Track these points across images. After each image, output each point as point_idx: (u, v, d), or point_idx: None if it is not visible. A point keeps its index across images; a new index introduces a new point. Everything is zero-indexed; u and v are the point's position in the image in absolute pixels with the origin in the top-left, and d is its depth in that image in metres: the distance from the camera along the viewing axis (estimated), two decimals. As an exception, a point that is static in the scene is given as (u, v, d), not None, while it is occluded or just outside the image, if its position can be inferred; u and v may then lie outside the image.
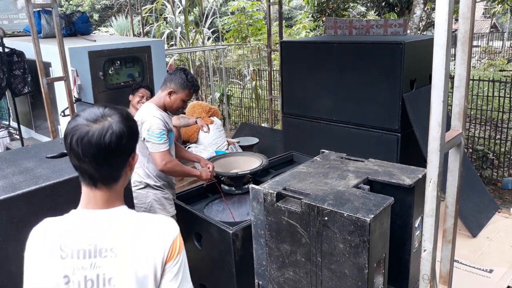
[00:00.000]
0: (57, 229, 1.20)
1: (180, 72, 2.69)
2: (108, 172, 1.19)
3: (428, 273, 1.56)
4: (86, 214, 1.20)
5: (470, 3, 1.58)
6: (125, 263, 1.17)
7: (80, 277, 1.17)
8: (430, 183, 1.47)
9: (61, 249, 1.17)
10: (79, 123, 1.16)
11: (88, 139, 1.13)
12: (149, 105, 2.65)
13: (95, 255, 1.17)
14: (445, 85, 1.38)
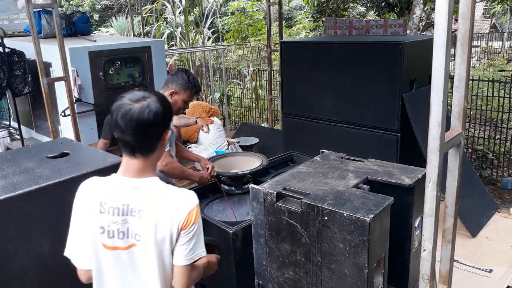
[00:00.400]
0: (100, 189, 1.49)
1: (181, 73, 2.69)
2: (145, 143, 1.44)
3: (427, 273, 1.56)
4: (123, 180, 1.46)
5: (470, 3, 1.58)
6: (148, 224, 1.43)
7: (114, 228, 1.45)
8: (430, 183, 1.47)
9: (101, 205, 1.46)
10: (123, 102, 1.44)
11: (130, 115, 1.40)
12: None
13: (126, 214, 1.45)
14: (445, 85, 1.39)
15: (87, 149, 2.19)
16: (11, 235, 1.69)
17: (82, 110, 4.17)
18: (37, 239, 1.76)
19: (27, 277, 1.75)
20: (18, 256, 1.72)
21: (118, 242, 1.46)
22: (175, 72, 2.71)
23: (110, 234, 1.46)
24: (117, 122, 1.43)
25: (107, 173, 1.94)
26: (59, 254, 1.84)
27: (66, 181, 1.82)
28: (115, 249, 1.47)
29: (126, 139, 1.42)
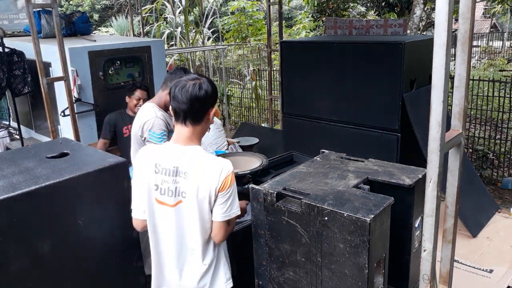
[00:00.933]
0: (155, 153, 1.82)
1: (180, 72, 2.69)
2: (195, 114, 1.78)
3: (428, 273, 1.56)
4: (174, 147, 1.80)
5: (470, 3, 1.58)
6: (192, 185, 1.74)
7: (165, 187, 1.78)
8: (430, 183, 1.47)
9: (156, 166, 1.79)
10: (182, 80, 1.81)
11: (186, 89, 1.76)
12: (150, 105, 2.65)
13: (176, 175, 1.77)
14: (445, 85, 1.38)
15: (86, 149, 2.19)
16: (11, 235, 1.68)
17: (81, 110, 4.16)
18: (37, 239, 1.76)
19: (27, 277, 1.74)
20: (18, 256, 1.71)
21: (168, 199, 1.79)
22: (173, 71, 2.72)
23: (162, 191, 1.79)
24: (175, 94, 1.77)
25: (107, 173, 1.95)
26: (59, 254, 1.84)
27: (66, 181, 1.82)
28: (165, 204, 1.80)
29: (181, 108, 1.77)
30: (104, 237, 2.00)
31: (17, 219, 1.69)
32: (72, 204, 1.86)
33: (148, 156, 1.83)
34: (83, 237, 1.91)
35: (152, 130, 2.53)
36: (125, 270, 2.12)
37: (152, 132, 2.53)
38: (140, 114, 2.63)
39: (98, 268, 2.00)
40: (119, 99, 4.38)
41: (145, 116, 2.57)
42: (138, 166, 1.85)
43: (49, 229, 1.80)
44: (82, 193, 1.88)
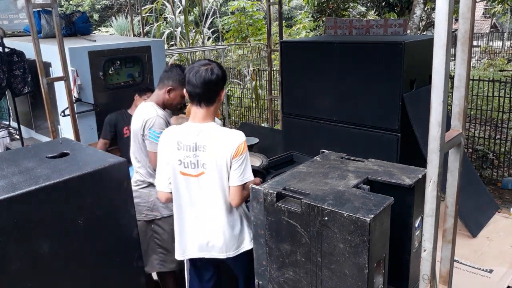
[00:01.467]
0: (177, 132, 2.10)
1: (176, 69, 2.68)
2: (209, 96, 2.04)
3: (428, 273, 1.56)
4: (192, 125, 2.08)
5: (470, 3, 1.58)
6: (211, 155, 2.02)
7: (188, 161, 2.06)
8: (430, 183, 1.47)
9: (178, 144, 2.07)
10: (195, 66, 2.05)
11: (200, 74, 2.01)
12: (150, 104, 2.64)
13: (196, 149, 2.04)
14: (445, 85, 1.38)
15: (86, 149, 2.19)
16: (11, 235, 1.68)
17: (81, 110, 4.16)
18: (37, 239, 1.76)
19: (27, 277, 1.74)
20: (19, 256, 1.71)
21: (191, 171, 2.07)
22: (169, 69, 2.70)
23: (185, 165, 2.07)
24: (189, 79, 2.03)
25: (107, 173, 1.94)
26: (59, 254, 1.84)
27: (66, 181, 1.82)
28: (188, 176, 2.08)
29: (196, 92, 2.03)
30: (104, 237, 1.99)
31: (17, 219, 1.69)
32: (72, 204, 1.85)
33: (170, 136, 2.11)
34: (83, 237, 1.91)
35: (153, 129, 2.52)
36: (125, 270, 2.12)
37: (152, 130, 2.52)
38: (141, 113, 2.62)
39: (98, 268, 2.00)
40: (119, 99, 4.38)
41: (146, 114, 2.57)
42: (163, 145, 2.13)
43: (49, 229, 1.80)
44: (82, 193, 1.88)
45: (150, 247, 2.72)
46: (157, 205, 2.68)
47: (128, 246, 2.10)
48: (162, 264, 2.75)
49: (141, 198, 2.67)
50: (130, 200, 2.09)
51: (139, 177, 2.69)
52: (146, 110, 2.61)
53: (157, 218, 2.69)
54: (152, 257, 2.74)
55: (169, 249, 2.75)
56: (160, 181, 2.17)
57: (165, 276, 2.85)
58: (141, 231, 2.68)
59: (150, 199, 2.67)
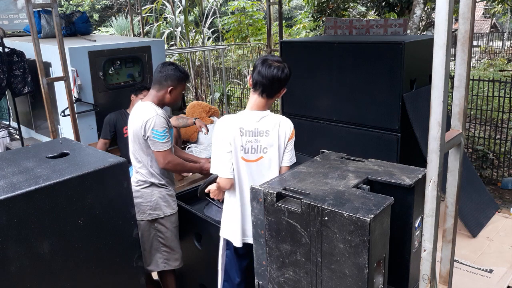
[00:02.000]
0: (237, 119, 2.23)
1: (170, 67, 2.67)
2: (272, 90, 2.21)
3: (428, 273, 1.56)
4: (252, 112, 2.25)
5: (470, 3, 1.58)
6: (272, 139, 2.23)
7: (249, 146, 2.23)
8: (430, 183, 1.47)
9: (240, 130, 2.21)
10: (268, 59, 2.23)
11: (272, 70, 2.18)
12: (148, 104, 2.64)
13: (257, 135, 2.22)
14: (445, 85, 1.38)
15: (86, 149, 2.19)
16: (11, 235, 1.68)
17: (81, 110, 4.17)
18: (37, 239, 1.76)
19: (27, 277, 1.75)
20: (18, 256, 1.71)
21: (251, 156, 2.24)
22: (162, 68, 2.67)
23: (246, 151, 2.23)
24: (260, 70, 2.19)
25: (107, 173, 1.95)
26: (59, 254, 1.84)
27: (66, 181, 1.82)
28: (249, 161, 2.24)
29: (262, 83, 2.19)
30: (104, 237, 2.00)
31: (17, 219, 1.69)
32: (72, 204, 1.85)
33: (231, 123, 2.23)
34: (83, 237, 1.91)
35: (155, 128, 2.52)
36: (125, 270, 2.12)
37: (155, 130, 2.52)
38: (140, 113, 2.61)
39: (98, 268, 2.00)
40: (119, 99, 4.38)
41: (145, 115, 2.56)
42: (223, 133, 2.22)
43: (49, 229, 1.80)
44: (82, 193, 1.88)
45: (153, 246, 2.73)
46: (160, 204, 2.69)
47: (128, 246, 2.10)
48: (166, 263, 2.76)
49: (144, 198, 2.67)
50: (130, 200, 2.09)
51: (140, 177, 2.69)
52: (144, 110, 2.60)
53: (160, 217, 2.69)
54: (156, 256, 2.75)
55: (173, 247, 2.76)
56: (223, 168, 2.23)
57: (166, 275, 2.85)
58: (145, 230, 2.69)
59: (152, 199, 2.68)
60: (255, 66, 2.23)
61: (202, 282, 2.89)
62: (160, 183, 2.69)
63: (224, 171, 2.22)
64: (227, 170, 2.22)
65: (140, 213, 2.68)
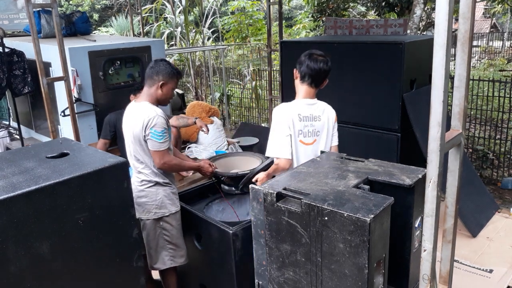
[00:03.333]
0: (295, 107, 2.51)
1: (162, 62, 2.67)
2: (319, 80, 2.53)
3: (428, 273, 1.56)
4: (306, 100, 2.53)
5: (470, 3, 1.58)
6: (321, 123, 2.54)
7: (306, 130, 2.51)
8: (430, 183, 1.47)
9: (299, 116, 2.48)
10: (313, 53, 2.51)
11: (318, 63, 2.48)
12: (145, 104, 2.63)
13: (312, 120, 2.52)
14: (445, 85, 1.38)
15: (86, 149, 2.19)
16: (11, 235, 1.68)
17: (81, 110, 4.17)
18: (36, 239, 1.76)
19: (27, 277, 1.74)
20: (18, 256, 1.71)
21: (307, 139, 2.51)
22: (154, 65, 2.67)
23: (304, 135, 2.50)
24: (308, 63, 2.49)
25: (107, 173, 1.94)
26: (59, 254, 1.84)
27: (66, 181, 1.82)
28: (306, 144, 2.51)
29: (312, 74, 2.49)
30: (104, 237, 1.99)
31: (17, 219, 1.69)
32: (72, 204, 1.85)
33: (290, 110, 2.49)
34: (83, 237, 1.91)
35: (154, 128, 2.51)
36: (125, 270, 2.12)
37: (154, 130, 2.51)
38: (139, 114, 2.59)
39: (98, 268, 2.00)
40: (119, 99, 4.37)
41: (146, 115, 2.55)
42: (283, 119, 2.46)
43: (49, 229, 1.80)
44: (82, 193, 1.88)
45: (159, 244, 2.75)
46: (165, 202, 2.70)
47: (128, 246, 2.10)
48: (173, 260, 2.78)
49: (149, 197, 2.68)
50: (130, 200, 2.09)
51: (144, 177, 2.68)
52: (144, 110, 2.59)
53: (165, 215, 2.70)
54: (163, 254, 2.76)
55: (178, 244, 2.77)
56: (283, 150, 2.46)
57: (168, 274, 2.86)
58: (151, 229, 2.70)
59: (158, 197, 2.68)
60: (302, 61, 2.51)
61: (202, 282, 2.89)
62: (164, 182, 2.70)
63: (285, 153, 2.46)
64: (288, 152, 2.46)
65: (146, 213, 2.69)
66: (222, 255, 2.56)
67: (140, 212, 2.68)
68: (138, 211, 2.66)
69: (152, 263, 2.78)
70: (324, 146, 2.56)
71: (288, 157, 2.46)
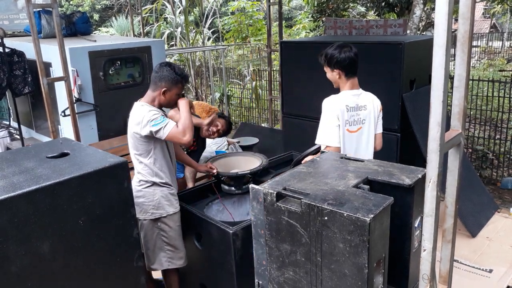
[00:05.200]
0: (342, 98, 2.66)
1: (166, 68, 2.62)
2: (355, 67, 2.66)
3: (427, 273, 1.56)
4: (352, 91, 2.69)
5: (470, 3, 1.58)
6: (367, 112, 2.71)
7: (352, 119, 2.66)
8: (430, 183, 1.47)
9: (346, 106, 2.63)
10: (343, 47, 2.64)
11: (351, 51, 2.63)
12: (139, 104, 2.63)
13: (357, 109, 2.67)
14: (445, 85, 1.38)
15: (87, 149, 2.19)
16: (11, 235, 1.69)
17: (82, 110, 4.17)
18: (37, 239, 1.76)
19: (27, 277, 1.75)
20: (18, 256, 1.72)
21: (353, 128, 2.67)
22: (158, 69, 2.64)
23: (350, 123, 2.66)
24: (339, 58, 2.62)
25: (107, 173, 1.95)
26: (59, 254, 1.84)
27: (66, 181, 1.82)
28: (351, 132, 2.67)
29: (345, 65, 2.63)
30: (104, 237, 2.00)
31: (17, 219, 1.70)
32: (72, 204, 1.86)
33: (338, 102, 2.64)
34: (83, 237, 1.92)
35: (152, 119, 2.49)
36: (125, 270, 2.12)
37: (153, 121, 2.49)
38: (134, 115, 2.59)
39: (98, 268, 2.00)
40: (120, 99, 4.38)
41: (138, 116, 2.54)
42: (332, 110, 2.62)
43: (49, 229, 1.80)
44: (82, 193, 1.88)
45: (157, 245, 2.74)
46: (162, 203, 2.69)
47: (128, 246, 2.11)
48: (170, 261, 2.77)
49: (146, 197, 2.68)
50: (130, 200, 2.09)
51: (141, 177, 2.69)
52: (137, 111, 2.59)
53: (162, 216, 2.70)
54: (160, 255, 2.75)
55: (177, 246, 2.76)
56: (333, 138, 2.62)
57: (169, 274, 2.86)
58: (148, 229, 2.70)
59: (155, 198, 2.68)
60: (331, 59, 2.64)
61: (203, 282, 2.89)
62: (161, 182, 2.69)
63: (334, 141, 2.62)
64: (337, 141, 2.62)
65: (143, 213, 2.68)
66: (222, 255, 2.56)
67: (138, 212, 2.67)
68: (136, 211, 2.65)
69: (149, 264, 2.77)
70: (367, 133, 2.73)
71: (337, 145, 2.62)
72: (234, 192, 2.99)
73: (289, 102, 4.41)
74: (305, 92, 4.20)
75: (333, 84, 2.81)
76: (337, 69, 2.65)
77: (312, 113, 4.19)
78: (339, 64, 2.63)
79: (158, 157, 2.65)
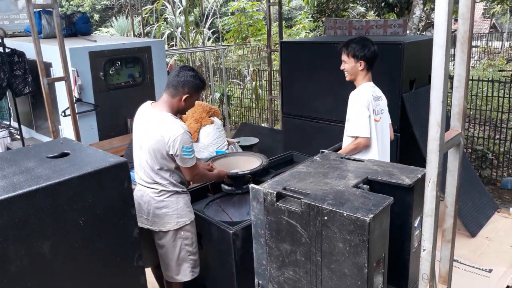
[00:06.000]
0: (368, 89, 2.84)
1: (189, 73, 2.49)
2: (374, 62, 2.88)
3: (427, 272, 1.56)
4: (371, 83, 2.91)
5: (470, 3, 1.58)
6: (384, 102, 2.94)
7: (377, 109, 2.84)
8: (430, 183, 1.47)
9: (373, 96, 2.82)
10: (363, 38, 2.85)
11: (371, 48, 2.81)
12: (169, 117, 2.47)
13: (379, 100, 2.88)
14: (445, 85, 1.39)
15: (87, 149, 2.19)
16: (11, 235, 1.69)
17: (82, 110, 4.17)
18: (37, 239, 1.76)
19: (27, 277, 1.75)
20: (18, 256, 1.72)
21: (377, 117, 2.83)
22: (177, 73, 2.49)
23: (375, 113, 2.82)
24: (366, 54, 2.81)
25: (107, 173, 1.95)
26: (59, 254, 1.85)
27: (66, 181, 1.82)
28: (376, 121, 2.82)
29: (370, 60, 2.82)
30: (104, 237, 2.00)
31: (17, 219, 1.70)
32: (72, 204, 1.86)
33: (367, 92, 2.81)
34: (83, 237, 1.92)
35: (185, 146, 2.42)
36: (125, 270, 2.12)
37: (185, 147, 2.42)
38: (162, 126, 2.44)
39: (98, 268, 2.01)
40: (120, 99, 4.39)
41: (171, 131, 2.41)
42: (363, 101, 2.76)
43: (49, 229, 1.80)
44: (82, 193, 1.88)
45: (181, 256, 2.63)
46: (185, 210, 2.60)
47: (128, 246, 2.11)
48: (193, 271, 2.68)
49: (169, 207, 2.56)
50: (130, 200, 2.10)
51: (162, 188, 2.56)
52: (167, 124, 2.43)
53: (186, 223, 2.60)
54: (184, 266, 2.65)
55: (196, 252, 2.69)
56: (367, 129, 2.74)
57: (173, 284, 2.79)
58: (170, 241, 2.58)
59: (178, 206, 2.58)
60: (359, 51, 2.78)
61: (202, 281, 2.89)
62: (183, 190, 2.62)
63: (367, 132, 2.74)
64: (368, 131, 2.74)
65: (166, 223, 2.56)
66: (222, 255, 2.56)
67: (160, 225, 2.55)
68: (157, 224, 2.55)
69: (173, 274, 2.64)
70: (386, 123, 2.91)
71: (368, 135, 2.74)
72: (234, 192, 2.99)
73: (289, 102, 4.41)
74: (305, 92, 4.21)
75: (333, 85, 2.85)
76: (363, 61, 2.80)
77: (312, 113, 4.20)
78: (366, 57, 2.78)
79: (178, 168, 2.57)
